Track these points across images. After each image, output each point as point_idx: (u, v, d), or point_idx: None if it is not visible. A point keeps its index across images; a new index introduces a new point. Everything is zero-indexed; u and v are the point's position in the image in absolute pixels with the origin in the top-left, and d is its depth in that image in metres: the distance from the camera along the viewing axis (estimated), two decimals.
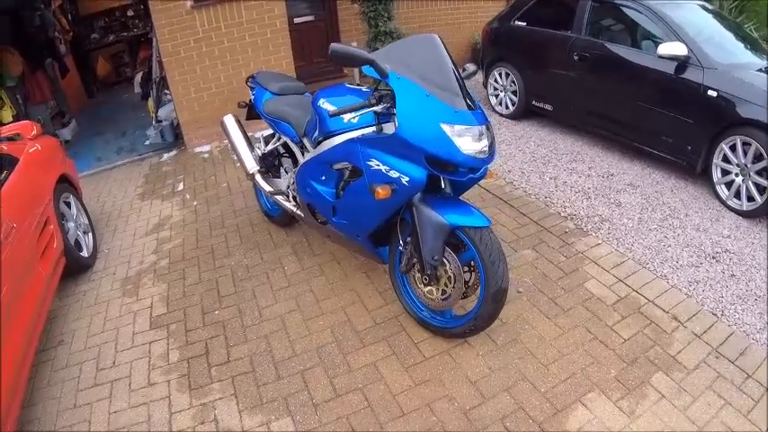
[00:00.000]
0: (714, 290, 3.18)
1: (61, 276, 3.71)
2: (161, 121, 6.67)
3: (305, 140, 3.23)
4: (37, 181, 3.84)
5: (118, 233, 4.69)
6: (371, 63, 2.36)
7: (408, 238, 2.67)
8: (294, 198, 3.51)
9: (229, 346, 3.06)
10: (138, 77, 7.85)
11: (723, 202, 4.16)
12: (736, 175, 4.05)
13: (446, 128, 2.31)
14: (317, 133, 2.96)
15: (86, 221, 4.46)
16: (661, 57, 4.32)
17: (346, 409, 2.53)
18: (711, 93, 4.05)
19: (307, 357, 2.88)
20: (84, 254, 4.16)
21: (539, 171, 4.75)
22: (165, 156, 6.41)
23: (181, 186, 5.42)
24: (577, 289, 3.19)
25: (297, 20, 7.27)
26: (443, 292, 2.65)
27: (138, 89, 7.89)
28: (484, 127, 2.42)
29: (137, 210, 5.09)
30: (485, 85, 6.57)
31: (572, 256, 3.51)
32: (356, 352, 2.87)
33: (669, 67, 4.33)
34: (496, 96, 6.35)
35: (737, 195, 4.07)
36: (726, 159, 4.09)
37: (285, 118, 3.40)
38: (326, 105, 2.82)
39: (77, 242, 4.15)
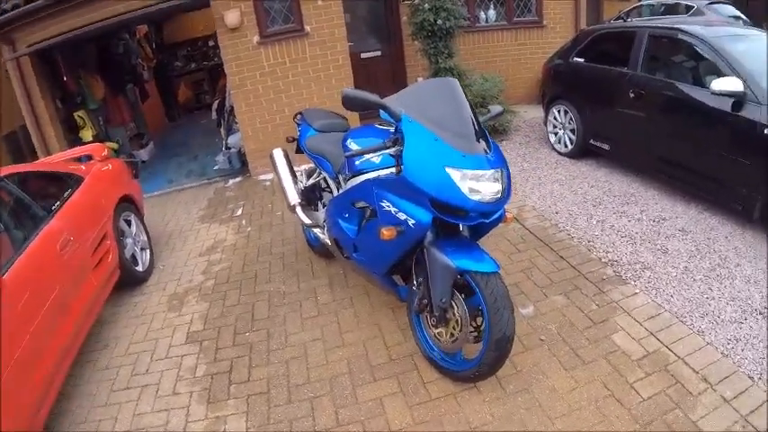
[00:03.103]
0: (756, 350, 2.88)
1: (118, 287, 4.12)
2: (230, 149, 7.06)
3: (340, 177, 3.35)
4: (98, 200, 4.23)
5: (175, 252, 5.03)
6: (383, 107, 2.45)
7: (421, 279, 2.70)
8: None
9: (252, 367, 3.22)
10: (216, 105, 8.34)
11: None
12: None
13: (452, 172, 2.33)
14: (346, 171, 3.07)
15: (145, 239, 4.82)
16: (715, 93, 4.07)
17: None
18: None
19: (319, 386, 2.98)
20: (140, 268, 4.52)
21: (587, 213, 4.62)
22: (231, 182, 6.79)
23: (239, 212, 5.72)
24: (603, 341, 3.05)
25: (364, 55, 7.55)
26: (452, 334, 2.65)
27: (214, 116, 8.39)
28: (497, 171, 2.42)
29: (195, 231, 5.43)
30: (545, 122, 6.48)
31: (605, 305, 3.38)
32: (366, 385, 2.92)
33: (725, 105, 4.06)
34: (555, 134, 6.23)
35: None
36: None
37: (324, 155, 3.55)
38: (352, 145, 2.93)
39: (134, 257, 4.51)
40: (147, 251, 4.78)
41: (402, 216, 2.50)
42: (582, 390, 2.72)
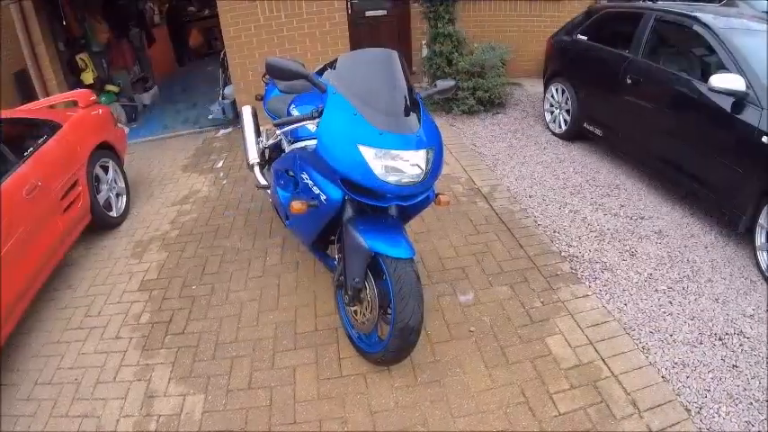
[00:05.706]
0: (702, 380, 2.62)
1: (92, 231, 4.34)
2: (225, 99, 6.98)
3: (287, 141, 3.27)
4: (73, 147, 4.25)
5: (152, 199, 5.07)
6: (307, 78, 2.34)
7: (340, 255, 2.63)
8: None
9: (189, 320, 3.31)
10: (223, 53, 8.23)
11: (762, 273, 3.48)
12: None
13: (365, 150, 2.21)
14: (289, 136, 2.98)
15: (123, 185, 4.86)
16: (714, 90, 3.71)
17: (250, 402, 2.64)
18: (766, 139, 3.40)
19: (243, 346, 3.02)
20: (113, 214, 4.60)
21: (562, 201, 4.44)
22: (221, 132, 6.77)
23: (220, 164, 5.71)
24: (536, 342, 2.88)
25: (369, 13, 7.31)
26: (364, 314, 2.60)
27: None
28: (420, 151, 2.29)
29: (175, 180, 5.45)
30: (543, 99, 6.22)
31: (549, 303, 3.20)
32: (285, 352, 2.94)
33: (725, 103, 3.70)
34: (551, 113, 5.99)
35: None
36: None
37: (281, 116, 3.44)
38: (293, 111, 2.83)
39: (108, 203, 4.57)
40: (124, 197, 4.85)
41: (316, 191, 2.42)
42: (496, 391, 2.58)
